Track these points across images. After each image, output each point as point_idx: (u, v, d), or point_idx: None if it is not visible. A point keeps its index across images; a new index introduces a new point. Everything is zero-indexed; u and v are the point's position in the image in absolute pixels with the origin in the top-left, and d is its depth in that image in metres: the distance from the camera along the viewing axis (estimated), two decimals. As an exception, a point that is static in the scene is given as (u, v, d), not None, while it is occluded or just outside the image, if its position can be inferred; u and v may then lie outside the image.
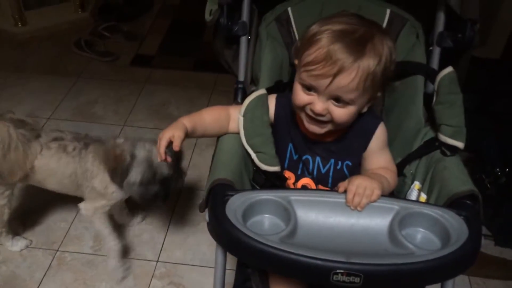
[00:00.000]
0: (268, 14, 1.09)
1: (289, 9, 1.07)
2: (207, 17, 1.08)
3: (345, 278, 0.73)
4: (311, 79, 0.86)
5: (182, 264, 1.58)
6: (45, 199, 1.74)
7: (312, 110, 0.89)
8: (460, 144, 0.94)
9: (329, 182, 0.98)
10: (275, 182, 0.96)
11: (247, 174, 0.97)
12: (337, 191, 0.86)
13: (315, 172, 0.98)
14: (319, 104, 0.87)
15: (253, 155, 0.96)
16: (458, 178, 0.90)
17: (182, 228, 1.70)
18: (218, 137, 1.01)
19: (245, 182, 0.95)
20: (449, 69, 0.97)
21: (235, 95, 1.10)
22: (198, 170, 1.93)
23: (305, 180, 0.97)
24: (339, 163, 0.97)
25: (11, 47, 2.61)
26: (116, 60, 2.53)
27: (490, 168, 1.65)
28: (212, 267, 1.56)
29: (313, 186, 0.97)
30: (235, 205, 0.82)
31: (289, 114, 0.98)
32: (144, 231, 1.68)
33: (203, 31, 2.70)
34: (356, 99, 0.87)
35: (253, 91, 1.07)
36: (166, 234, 1.67)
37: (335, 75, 0.83)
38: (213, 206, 0.83)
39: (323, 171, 0.98)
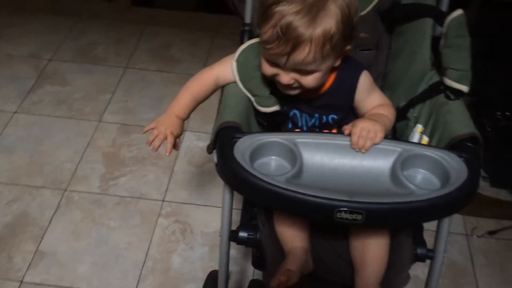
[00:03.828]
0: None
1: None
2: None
3: (348, 216, 0.77)
4: (270, 56, 0.87)
5: (187, 203, 1.64)
6: (51, 142, 1.78)
7: (279, 82, 0.90)
8: (465, 88, 0.95)
9: None
10: (277, 119, 0.98)
11: (253, 117, 0.99)
12: (342, 133, 0.88)
13: (304, 127, 1.00)
14: (284, 76, 0.88)
15: (252, 99, 0.97)
16: (460, 121, 0.91)
17: (187, 170, 1.75)
18: None
19: (252, 125, 0.97)
20: (458, 11, 0.96)
21: (242, 37, 1.09)
22: (203, 112, 1.91)
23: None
24: (324, 117, 0.98)
25: (9, -13, 2.55)
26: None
27: (491, 112, 1.67)
28: (217, 207, 1.63)
29: None
30: (243, 147, 0.84)
31: None
32: (149, 172, 1.73)
33: (205, -30, 2.62)
34: (317, 67, 0.87)
35: (259, 34, 1.07)
36: (171, 175, 1.72)
37: (289, 53, 0.83)
38: (221, 147, 0.85)
39: (309, 124, 0.99)
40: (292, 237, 0.97)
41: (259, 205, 1.01)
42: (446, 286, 1.44)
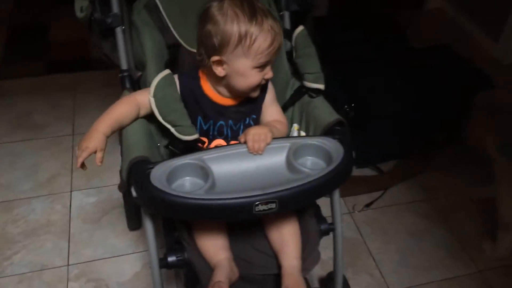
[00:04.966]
0: (137, 3, 1.16)
1: (155, -4, 1.16)
2: (79, 14, 1.12)
3: (264, 207, 0.90)
4: (270, 56, 1.02)
5: (94, 260, 1.61)
6: None
7: (266, 79, 1.06)
8: (321, 86, 1.16)
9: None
10: (195, 146, 1.08)
11: (156, 148, 1.07)
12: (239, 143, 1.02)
13: (229, 133, 1.11)
14: (270, 72, 1.06)
15: (172, 129, 1.05)
16: (326, 112, 1.12)
17: (84, 228, 1.71)
18: None
19: (155, 155, 1.04)
20: (300, 27, 1.18)
21: (123, 83, 1.17)
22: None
23: (217, 141, 1.11)
24: (247, 119, 1.13)
25: None
26: (-45, 78, 2.31)
27: (339, 107, 1.97)
28: (125, 254, 1.64)
29: (224, 144, 1.10)
30: (158, 174, 0.92)
31: (197, 89, 1.09)
32: (45, 241, 1.66)
33: (48, 32, 2.60)
34: None
35: (140, 76, 1.16)
36: (69, 238, 1.67)
37: (279, 46, 1.03)
38: (138, 180, 0.92)
39: (235, 128, 1.12)
40: (215, 250, 1.06)
41: (180, 225, 1.09)
42: (346, 260, 1.65)
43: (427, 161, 2.05)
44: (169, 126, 1.05)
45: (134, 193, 0.94)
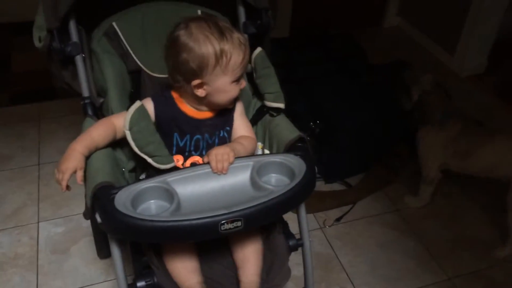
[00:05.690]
0: (96, 31, 1.18)
1: (114, 23, 1.17)
2: (37, 44, 1.12)
3: (230, 225, 0.91)
4: (244, 68, 1.07)
5: (65, 291, 1.58)
6: None
7: (241, 89, 1.11)
8: (281, 105, 1.19)
9: None
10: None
11: (120, 173, 1.07)
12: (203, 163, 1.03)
13: (205, 147, 1.13)
14: (244, 81, 1.12)
15: (149, 160, 1.05)
16: (288, 129, 1.15)
17: (53, 259, 1.68)
18: None
19: (120, 180, 1.05)
20: (258, 49, 1.22)
21: (85, 110, 1.16)
22: (51, 199, 1.89)
23: (193, 158, 1.12)
24: (221, 131, 1.14)
25: None
26: None
27: (305, 124, 2.01)
28: (97, 283, 1.61)
29: (200, 161, 1.11)
30: (122, 199, 0.92)
31: (172, 108, 1.10)
32: (12, 274, 1.62)
33: (10, 63, 2.57)
34: None
35: (102, 102, 1.17)
36: (37, 271, 1.63)
37: (248, 54, 1.09)
38: (102, 205, 0.92)
39: (210, 142, 1.13)
40: (186, 274, 1.06)
41: (149, 249, 1.09)
42: (319, 275, 1.67)
43: (393, 173, 2.11)
44: (145, 157, 1.05)
45: (99, 219, 0.94)
